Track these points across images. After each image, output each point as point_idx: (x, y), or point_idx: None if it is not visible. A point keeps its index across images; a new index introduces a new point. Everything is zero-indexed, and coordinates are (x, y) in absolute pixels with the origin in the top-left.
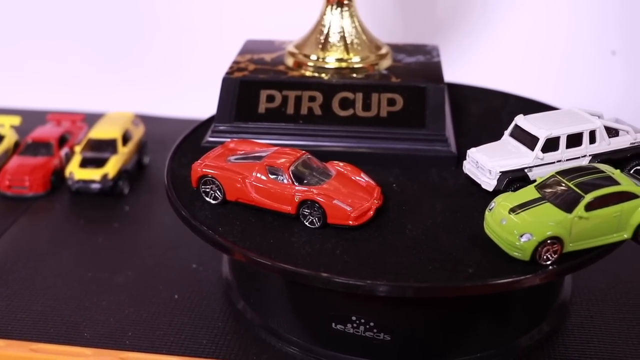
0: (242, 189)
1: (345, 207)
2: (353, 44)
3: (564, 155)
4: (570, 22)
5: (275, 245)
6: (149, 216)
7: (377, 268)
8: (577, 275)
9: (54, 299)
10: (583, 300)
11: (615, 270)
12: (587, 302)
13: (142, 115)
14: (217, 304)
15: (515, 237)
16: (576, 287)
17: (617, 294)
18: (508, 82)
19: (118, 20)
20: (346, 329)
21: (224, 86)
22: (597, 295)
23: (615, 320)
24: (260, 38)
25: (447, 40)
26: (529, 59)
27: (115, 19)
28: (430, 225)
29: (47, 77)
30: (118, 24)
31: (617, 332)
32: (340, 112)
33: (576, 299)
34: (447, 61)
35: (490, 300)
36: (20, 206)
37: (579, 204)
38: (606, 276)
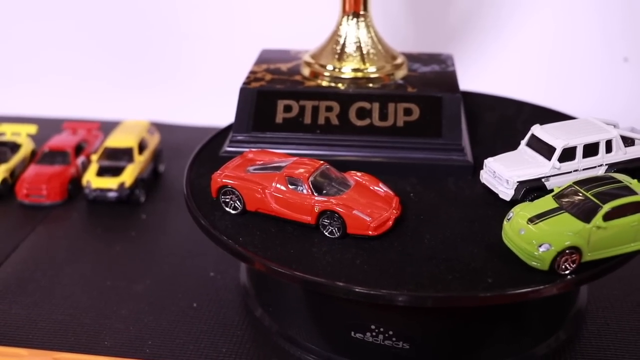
0: (261, 199)
1: (365, 217)
2: (369, 54)
3: (581, 164)
4: (582, 29)
5: (296, 255)
6: (166, 224)
7: (397, 278)
8: (593, 283)
9: (74, 307)
10: (599, 307)
11: (631, 278)
12: (604, 309)
13: (156, 123)
14: (235, 312)
15: (534, 247)
16: (592, 295)
17: (634, 301)
18: (521, 90)
19: (133, 29)
20: (365, 337)
21: (241, 96)
22: (613, 303)
23: (631, 328)
24: (275, 47)
25: (460, 48)
26: (542, 66)
27: (130, 29)
28: (448, 235)
29: (63, 85)
30: (133, 33)
31: (633, 339)
32: (357, 122)
33: (592, 307)
34: (461, 69)
35: (508, 309)
36: (37, 215)
37: (597, 214)
38: (622, 284)
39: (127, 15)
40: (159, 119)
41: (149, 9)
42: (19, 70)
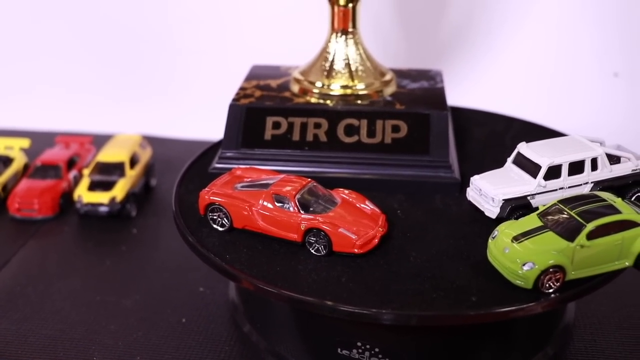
0: (249, 216)
1: (351, 235)
2: (358, 71)
3: (566, 182)
4: (571, 44)
5: (282, 273)
6: (157, 239)
7: (382, 296)
8: (581, 299)
9: (63, 322)
10: (587, 324)
11: (618, 294)
12: (591, 326)
13: (149, 137)
14: (224, 328)
15: (518, 265)
16: (579, 311)
17: (620, 318)
18: (512, 105)
19: (126, 43)
20: (352, 354)
21: (230, 113)
22: (600, 320)
23: (618, 344)
24: (266, 63)
25: (451, 63)
26: (532, 82)
27: (124, 43)
28: (434, 252)
29: (56, 99)
30: (126, 48)
31: (620, 356)
32: (345, 139)
33: (580, 323)
34: (452, 84)
35: (494, 326)
36: (29, 229)
37: (580, 233)
38: (609, 301)
39: (120, 30)
40: (151, 132)
41: (142, 24)
42: (12, 83)
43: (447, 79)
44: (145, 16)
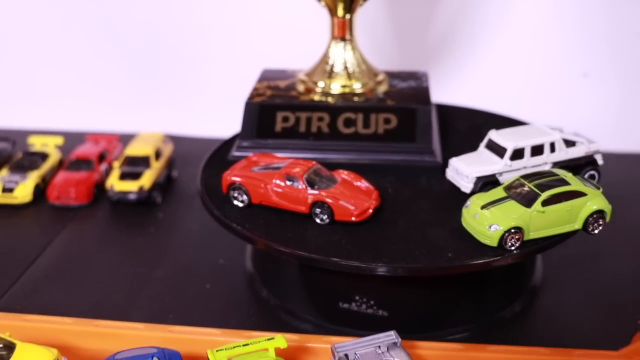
0: (264, 193)
1: (349, 206)
2: (354, 72)
3: (529, 162)
4: (545, 47)
5: (293, 237)
6: (180, 222)
7: (375, 254)
8: (547, 264)
9: (104, 290)
10: (553, 286)
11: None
12: (556, 287)
13: (168, 135)
14: (242, 292)
15: (485, 227)
16: (546, 274)
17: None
18: (491, 102)
19: (147, 54)
20: (351, 307)
21: (246, 109)
22: (565, 283)
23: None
24: (274, 67)
25: (437, 66)
26: (510, 81)
27: (145, 53)
28: (418, 221)
29: (85, 102)
30: (147, 57)
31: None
32: (344, 130)
33: (546, 285)
34: (439, 84)
35: (469, 281)
36: (67, 215)
37: (536, 201)
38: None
39: (142, 42)
40: (171, 131)
41: (161, 37)
42: (47, 89)
43: (434, 80)
44: (164, 30)
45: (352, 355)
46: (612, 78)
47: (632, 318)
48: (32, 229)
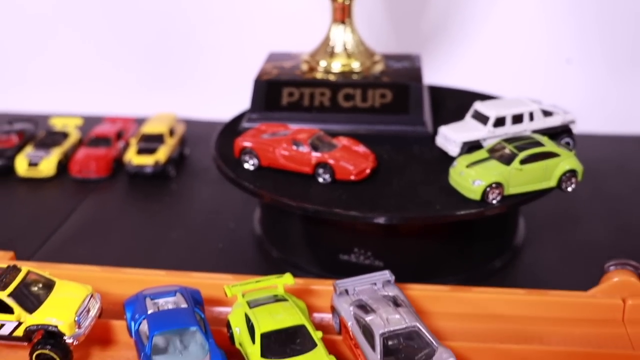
0: (272, 157)
1: (349, 166)
2: (353, 53)
3: (510, 130)
4: (532, 34)
5: (299, 193)
6: (192, 192)
7: (372, 206)
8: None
9: (126, 248)
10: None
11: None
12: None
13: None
14: (251, 250)
15: (470, 183)
16: (528, 235)
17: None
18: (481, 85)
19: (157, 42)
20: (350, 258)
21: (255, 86)
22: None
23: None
24: (280, 50)
25: (431, 50)
26: (499, 66)
27: (155, 42)
28: (410, 181)
29: (102, 88)
30: (157, 46)
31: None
32: (344, 104)
33: (527, 244)
34: (432, 67)
35: (456, 236)
36: (88, 187)
37: (515, 159)
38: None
39: (155, 32)
40: (181, 114)
41: (172, 27)
42: (66, 76)
43: (427, 64)
44: (175, 20)
45: (351, 290)
46: (596, 63)
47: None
48: (57, 198)
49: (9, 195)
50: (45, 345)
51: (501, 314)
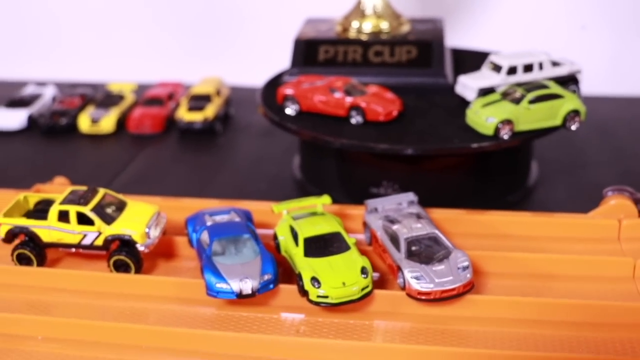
0: (311, 102)
1: (378, 108)
2: (382, 15)
3: (521, 78)
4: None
5: (335, 131)
6: (237, 145)
7: (400, 140)
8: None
9: (179, 190)
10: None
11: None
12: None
13: None
14: (291, 188)
15: (484, 120)
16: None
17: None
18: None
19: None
20: (379, 190)
21: (295, 45)
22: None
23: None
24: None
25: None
26: (517, 31)
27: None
28: (433, 121)
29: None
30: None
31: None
32: (374, 59)
33: (539, 184)
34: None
35: (474, 170)
36: (143, 141)
37: (524, 99)
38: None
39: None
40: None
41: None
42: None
43: (450, 29)
44: None
45: (380, 208)
46: (609, 30)
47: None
48: (116, 151)
49: (74, 148)
50: (121, 252)
51: (511, 233)
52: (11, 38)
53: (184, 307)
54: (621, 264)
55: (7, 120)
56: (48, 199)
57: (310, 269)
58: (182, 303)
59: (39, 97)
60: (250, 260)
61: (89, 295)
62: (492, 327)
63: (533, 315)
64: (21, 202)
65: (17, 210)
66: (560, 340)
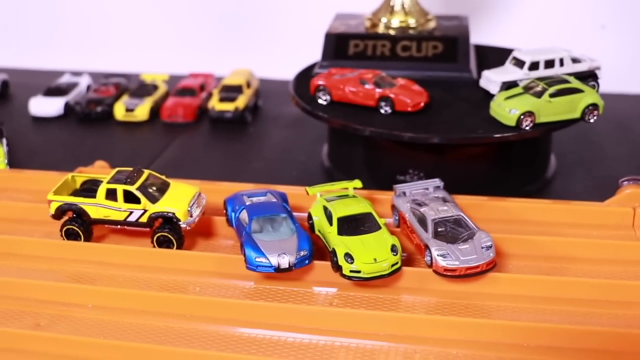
0: (342, 93)
1: (406, 99)
2: (410, 11)
3: (543, 73)
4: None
5: (365, 121)
6: (267, 134)
7: (426, 130)
8: (561, 162)
9: (215, 173)
10: (564, 176)
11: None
12: (567, 177)
13: None
14: (320, 176)
15: (507, 111)
16: (559, 169)
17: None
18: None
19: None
20: (405, 178)
21: (326, 39)
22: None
23: (583, 189)
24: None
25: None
26: (539, 31)
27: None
28: (458, 113)
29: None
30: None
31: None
32: (402, 54)
33: (558, 175)
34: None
35: (496, 160)
36: (177, 129)
37: (545, 93)
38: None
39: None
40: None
41: None
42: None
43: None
44: None
45: (408, 193)
46: (628, 29)
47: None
48: (150, 139)
49: (109, 135)
50: (164, 228)
51: (530, 219)
52: (47, 30)
53: (224, 281)
54: (635, 248)
55: (45, 108)
56: (94, 179)
57: (343, 246)
58: (222, 277)
59: (75, 86)
60: (288, 237)
61: (134, 269)
62: (511, 303)
63: (550, 292)
64: (69, 181)
65: (65, 189)
66: (575, 314)
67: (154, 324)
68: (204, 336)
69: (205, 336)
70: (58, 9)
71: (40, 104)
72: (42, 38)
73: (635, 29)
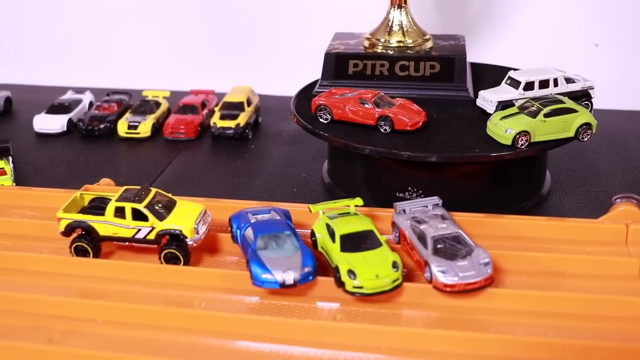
0: (342, 112)
1: (405, 119)
2: (408, 31)
3: (537, 93)
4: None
5: (364, 140)
6: (268, 151)
7: (425, 149)
8: (556, 179)
9: (216, 190)
10: (559, 193)
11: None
12: (562, 194)
13: None
14: (320, 192)
15: (503, 131)
16: (554, 185)
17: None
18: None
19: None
20: (405, 195)
21: (326, 59)
22: (568, 192)
23: (579, 205)
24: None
25: (474, 34)
26: (534, 49)
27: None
28: (455, 132)
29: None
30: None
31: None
32: (400, 73)
33: (552, 192)
34: (475, 48)
35: (492, 179)
36: (179, 146)
37: (540, 113)
38: (577, 177)
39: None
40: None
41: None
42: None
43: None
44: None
45: (407, 211)
46: (621, 48)
47: None
48: (154, 155)
49: (112, 151)
50: (172, 245)
51: (526, 235)
52: (49, 47)
53: (230, 296)
54: (628, 264)
55: (49, 124)
56: (102, 197)
57: (346, 263)
58: (228, 292)
59: (78, 103)
60: (292, 254)
61: (142, 284)
62: (509, 318)
63: (546, 307)
64: (77, 199)
65: (74, 206)
66: (571, 329)
67: (162, 338)
68: (210, 350)
69: (212, 350)
70: (61, 27)
71: (44, 121)
72: (45, 55)
73: (626, 47)
